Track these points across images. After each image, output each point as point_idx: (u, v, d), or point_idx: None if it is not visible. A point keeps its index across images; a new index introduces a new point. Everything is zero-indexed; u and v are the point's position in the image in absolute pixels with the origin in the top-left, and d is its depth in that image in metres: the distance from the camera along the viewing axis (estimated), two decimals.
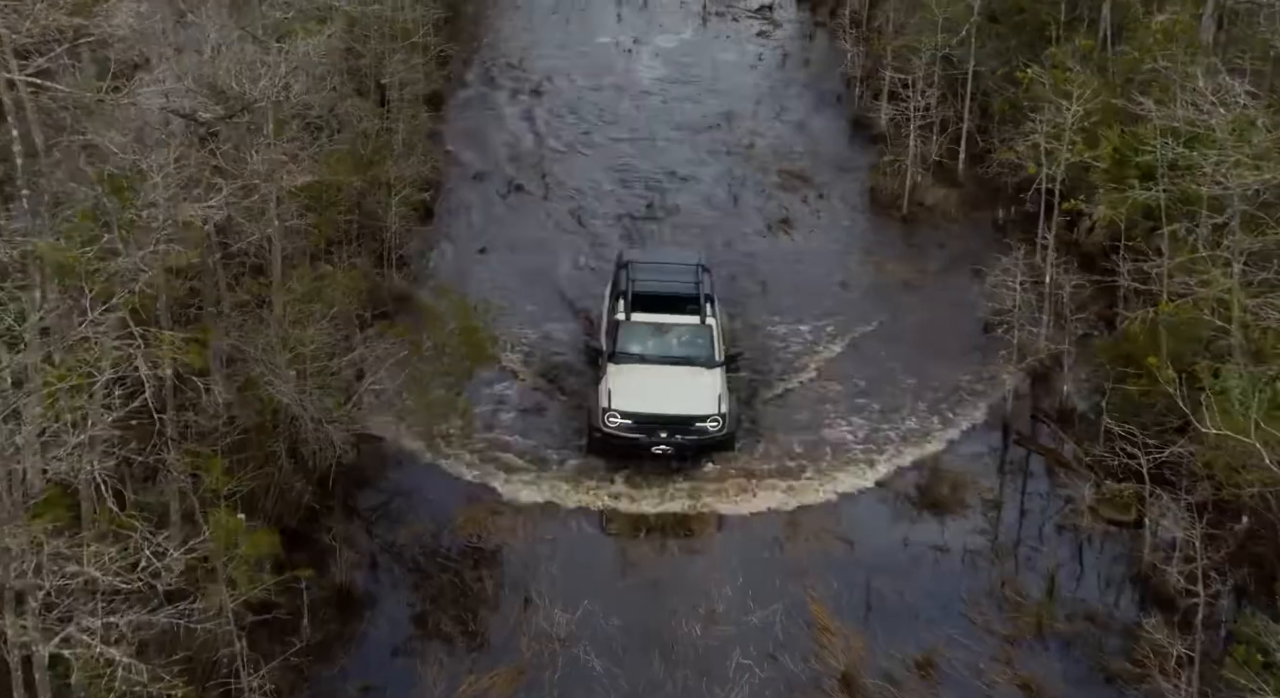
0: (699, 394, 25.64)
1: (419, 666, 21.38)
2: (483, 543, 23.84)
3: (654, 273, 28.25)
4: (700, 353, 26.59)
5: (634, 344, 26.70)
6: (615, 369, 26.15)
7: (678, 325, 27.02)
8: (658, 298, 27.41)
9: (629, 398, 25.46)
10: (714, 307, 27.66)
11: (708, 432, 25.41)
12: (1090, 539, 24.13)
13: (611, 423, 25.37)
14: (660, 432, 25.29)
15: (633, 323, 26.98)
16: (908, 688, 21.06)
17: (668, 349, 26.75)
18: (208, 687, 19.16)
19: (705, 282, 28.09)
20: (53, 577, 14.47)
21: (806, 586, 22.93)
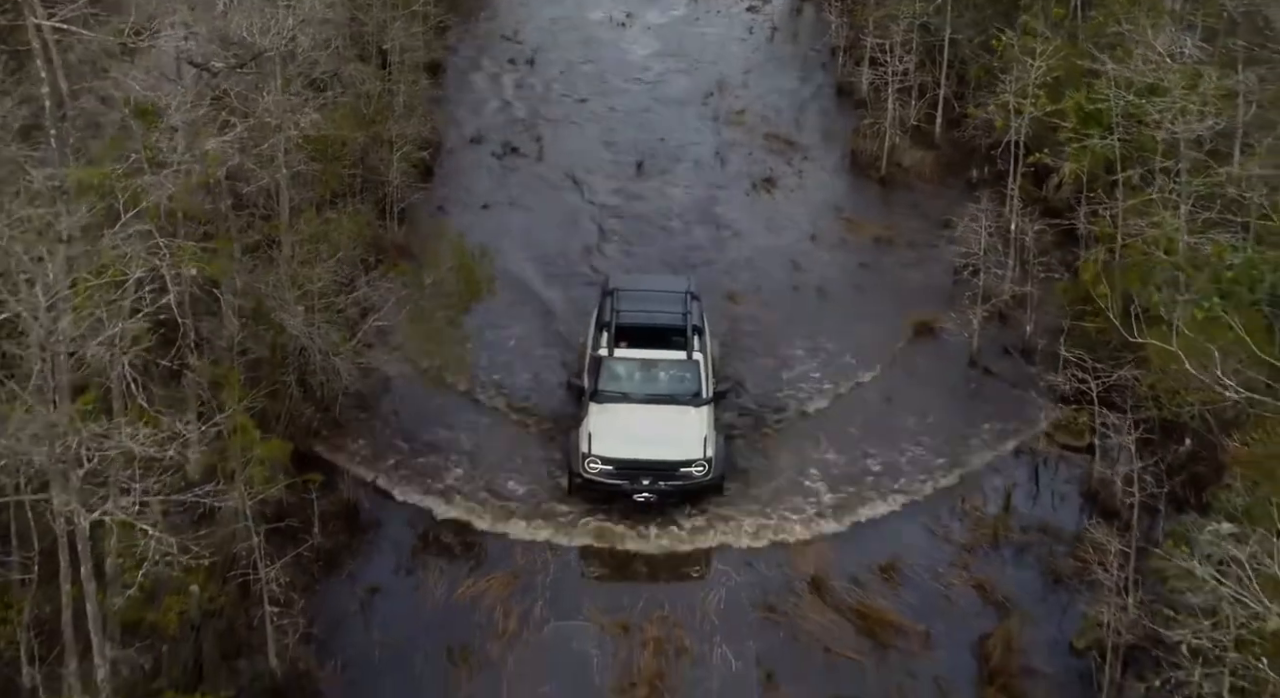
0: (684, 437, 24.62)
1: (421, 571, 23.39)
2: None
3: (639, 302, 27.27)
4: (686, 390, 25.57)
5: (616, 381, 25.66)
6: (597, 409, 25.16)
7: (663, 361, 26.07)
8: (642, 330, 26.48)
9: (610, 442, 24.44)
10: (702, 338, 26.71)
11: (693, 477, 24.40)
12: (1046, 462, 26.10)
13: (591, 469, 24.38)
14: (643, 478, 24.28)
15: (615, 358, 25.97)
16: (871, 589, 23.00)
17: (652, 386, 25.71)
18: (228, 578, 21.13)
19: (694, 311, 27.20)
20: (92, 451, 16.38)
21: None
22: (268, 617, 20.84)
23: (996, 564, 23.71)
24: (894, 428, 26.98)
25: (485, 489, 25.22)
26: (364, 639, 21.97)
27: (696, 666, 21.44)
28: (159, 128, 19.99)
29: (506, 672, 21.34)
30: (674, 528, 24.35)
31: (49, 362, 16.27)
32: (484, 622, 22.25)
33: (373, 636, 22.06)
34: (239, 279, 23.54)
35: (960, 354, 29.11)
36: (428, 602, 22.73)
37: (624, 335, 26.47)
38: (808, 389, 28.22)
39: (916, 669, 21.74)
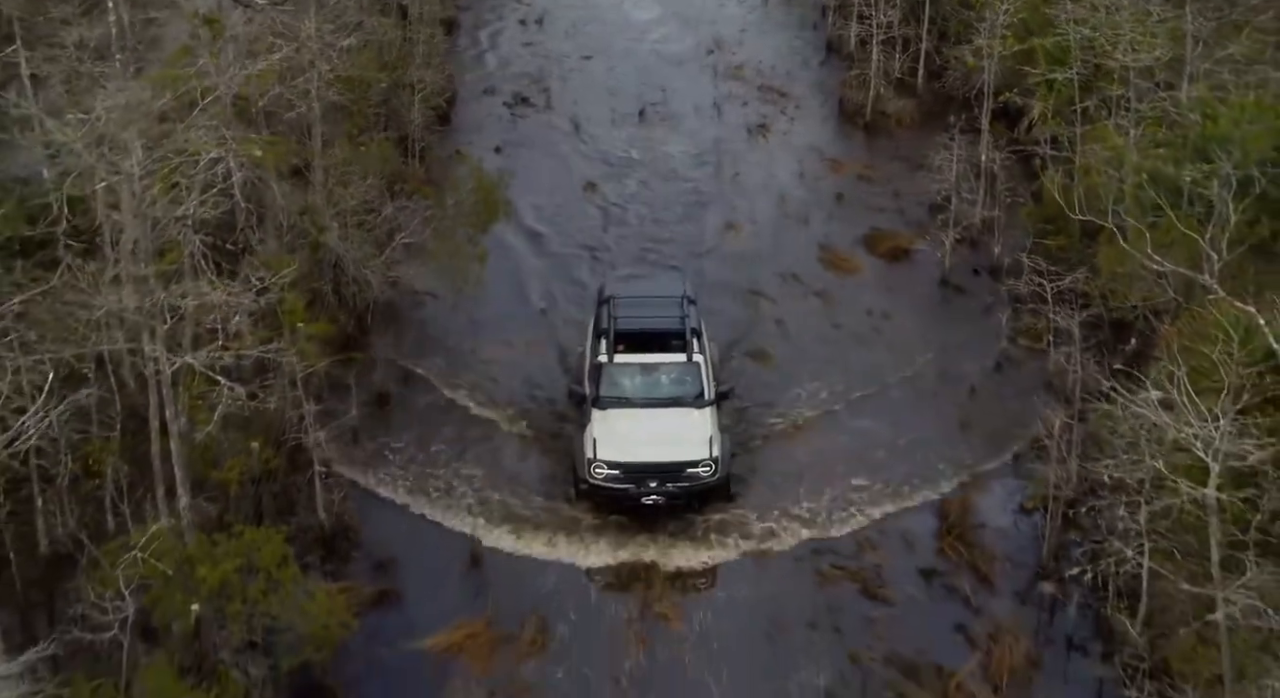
0: (689, 438, 25.02)
1: (441, 429, 26.96)
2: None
3: (636, 308, 27.58)
4: (689, 392, 25.99)
5: (618, 387, 26.06)
6: (599, 416, 25.50)
7: (664, 364, 26.51)
8: (641, 335, 26.84)
9: (615, 447, 24.81)
10: (701, 340, 27.13)
11: (700, 478, 24.76)
12: (1008, 358, 29.31)
13: (598, 474, 24.76)
14: (650, 481, 24.67)
15: (616, 364, 26.33)
16: None
17: (654, 390, 26.21)
18: (281, 442, 24.44)
19: (691, 314, 27.61)
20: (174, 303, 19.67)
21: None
22: (316, 476, 24.12)
23: (963, 448, 26.89)
24: (872, 331, 30.25)
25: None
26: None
27: None
28: (222, 37, 23.25)
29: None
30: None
31: (139, 226, 19.52)
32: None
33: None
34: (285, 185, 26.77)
35: (933, 274, 32.31)
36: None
37: (623, 341, 26.67)
38: (791, 304, 31.41)
39: (886, 527, 24.96)
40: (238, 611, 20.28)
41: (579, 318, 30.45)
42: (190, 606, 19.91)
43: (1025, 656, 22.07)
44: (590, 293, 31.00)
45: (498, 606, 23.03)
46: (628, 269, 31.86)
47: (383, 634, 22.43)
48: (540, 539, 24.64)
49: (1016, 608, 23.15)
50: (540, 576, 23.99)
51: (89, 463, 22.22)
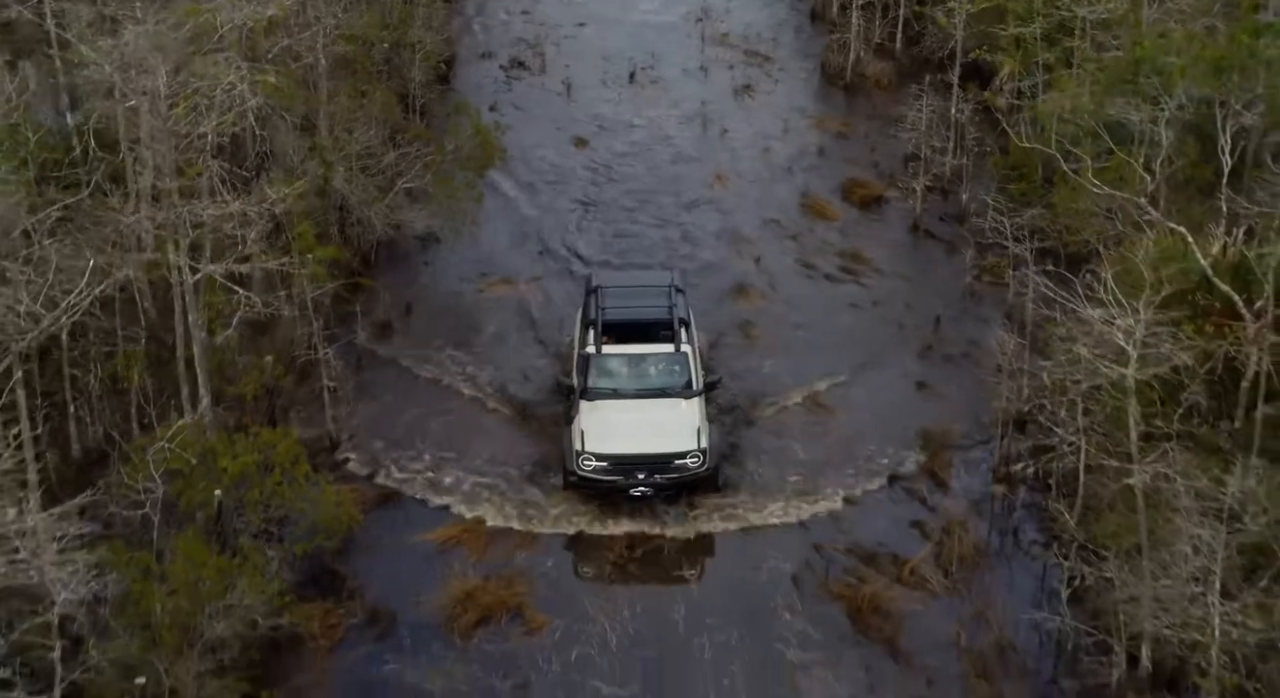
0: (678, 429, 25.20)
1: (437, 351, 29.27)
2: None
3: (624, 299, 27.81)
4: (677, 382, 26.15)
5: (606, 378, 26.20)
6: (588, 407, 25.66)
7: (651, 355, 26.66)
8: (629, 325, 26.97)
9: (603, 439, 24.97)
10: (689, 331, 27.28)
11: (689, 469, 24.97)
12: (972, 294, 31.48)
13: (586, 466, 24.90)
14: (638, 473, 24.88)
15: (603, 355, 26.45)
16: None
17: (642, 381, 26.32)
18: (294, 356, 26.64)
19: (679, 304, 27.73)
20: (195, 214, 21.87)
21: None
22: (325, 389, 26.31)
23: (929, 369, 29.09)
24: (843, 270, 32.46)
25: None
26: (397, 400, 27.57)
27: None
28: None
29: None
30: None
31: (164, 142, 21.72)
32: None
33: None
34: (293, 131, 28.93)
35: (904, 220, 34.51)
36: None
37: (610, 332, 26.89)
38: (771, 246, 33.61)
39: (855, 442, 27.16)
40: (255, 499, 22.47)
41: (572, 263, 32.66)
42: (213, 492, 22.10)
43: (974, 545, 24.23)
44: (581, 241, 33.27)
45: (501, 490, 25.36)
46: (617, 265, 32.77)
47: (387, 529, 24.59)
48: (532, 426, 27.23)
49: (969, 506, 25.33)
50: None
51: (118, 372, 24.39)
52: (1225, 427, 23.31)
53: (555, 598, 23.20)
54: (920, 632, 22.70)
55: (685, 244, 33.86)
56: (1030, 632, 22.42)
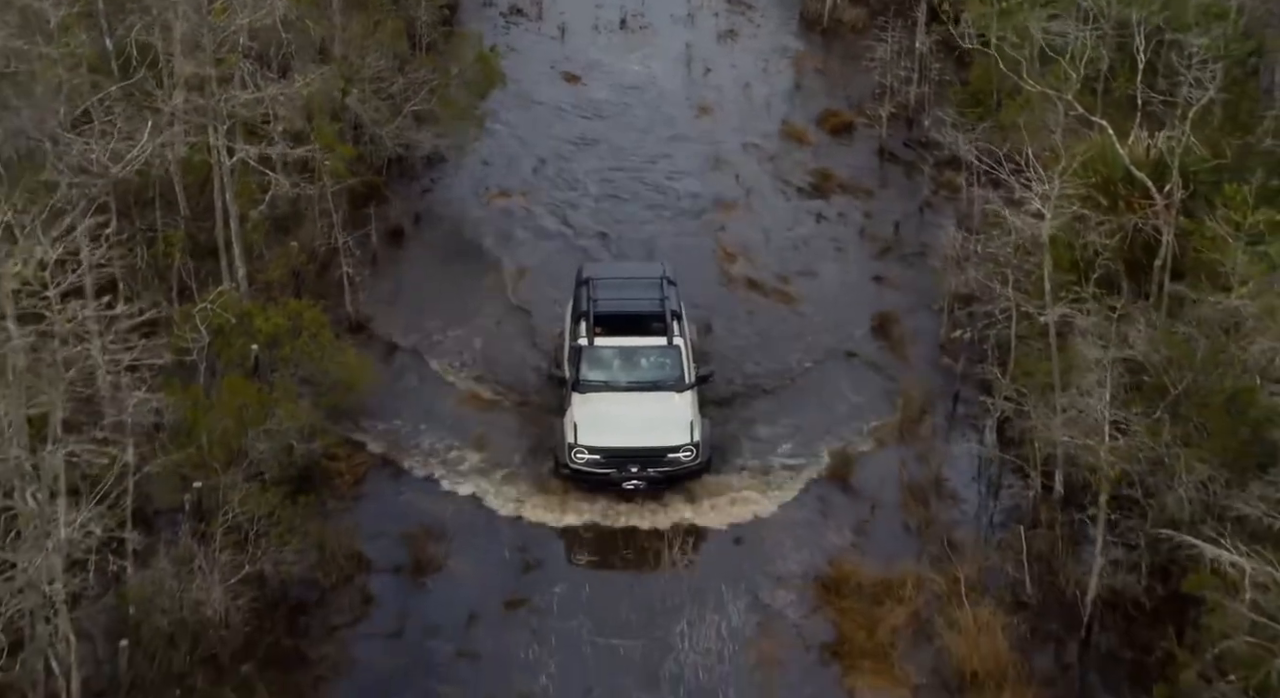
0: (670, 423, 25.45)
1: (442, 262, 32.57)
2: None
3: (616, 290, 27.88)
4: (669, 376, 26.31)
5: (598, 371, 26.35)
6: (580, 399, 25.88)
7: (644, 348, 26.79)
8: (621, 318, 27.07)
9: (596, 432, 25.16)
10: (681, 323, 27.38)
11: (681, 462, 25.21)
12: (929, 205, 35.00)
13: (579, 459, 25.12)
14: (631, 466, 25.12)
15: (596, 348, 26.61)
16: (794, 283, 31.95)
17: (635, 373, 26.48)
18: (316, 248, 30.11)
19: (671, 296, 27.87)
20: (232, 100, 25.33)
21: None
22: (345, 277, 29.78)
23: (887, 266, 32.62)
24: (814, 187, 36.00)
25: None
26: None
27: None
28: None
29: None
30: None
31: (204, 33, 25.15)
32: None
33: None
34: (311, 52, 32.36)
35: (871, 144, 38.04)
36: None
37: (603, 324, 26.95)
38: (750, 166, 37.10)
39: (818, 323, 30.66)
40: (287, 355, 25.91)
41: (564, 185, 36.09)
42: (250, 346, 25.57)
43: (922, 407, 27.72)
44: (573, 163, 36.72)
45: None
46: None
47: (400, 386, 28.09)
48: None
49: (921, 376, 28.82)
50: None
51: (164, 250, 27.82)
52: (1141, 305, 26.79)
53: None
54: (869, 473, 26.27)
55: (669, 165, 37.29)
56: (962, 466, 26.00)
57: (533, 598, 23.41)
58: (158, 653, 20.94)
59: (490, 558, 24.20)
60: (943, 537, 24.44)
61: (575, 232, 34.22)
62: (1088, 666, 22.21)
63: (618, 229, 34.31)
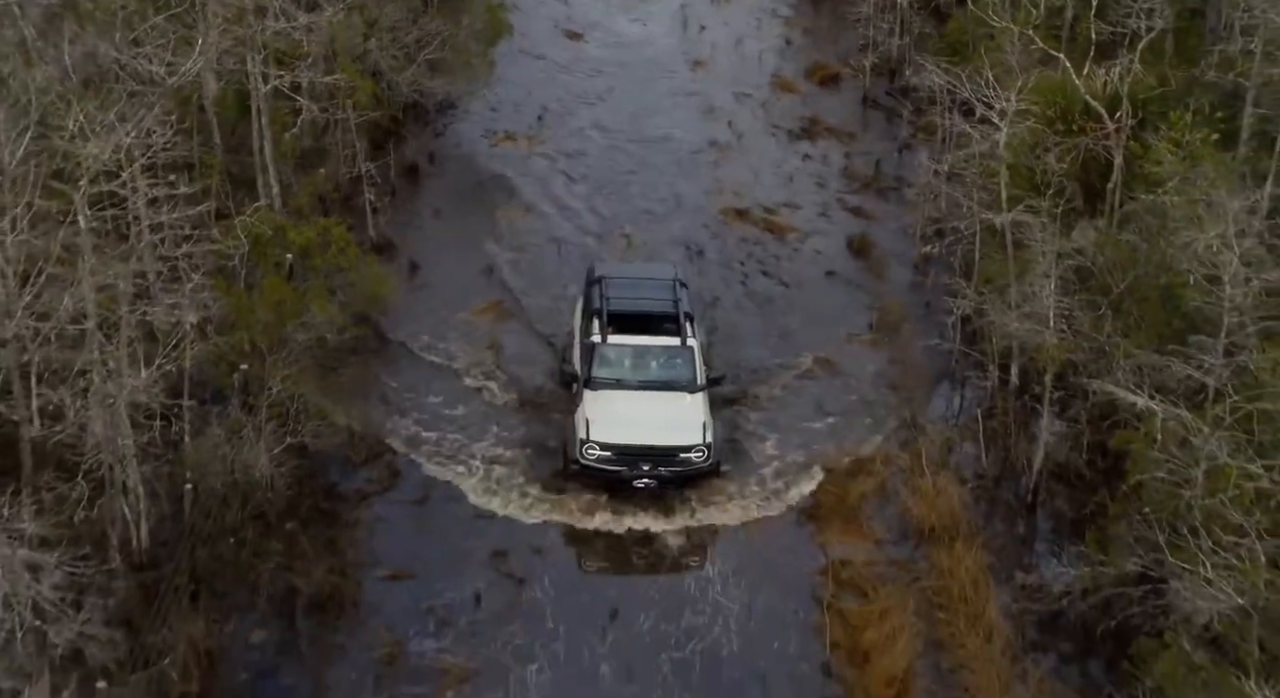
0: (683, 423, 25.82)
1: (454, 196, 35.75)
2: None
3: (629, 290, 28.26)
4: (682, 376, 26.66)
5: (611, 368, 26.69)
6: (592, 396, 26.17)
7: (657, 347, 27.16)
8: (634, 317, 27.48)
9: (608, 428, 25.42)
10: (693, 325, 27.75)
11: (693, 463, 25.56)
12: (908, 146, 38.24)
13: (590, 455, 25.38)
14: (642, 464, 25.41)
15: (609, 345, 26.96)
16: (779, 213, 35.20)
17: (647, 373, 26.82)
18: (339, 180, 33.31)
19: (684, 298, 28.36)
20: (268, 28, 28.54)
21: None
22: (368, 203, 32.97)
23: (867, 199, 35.87)
24: (801, 130, 39.24)
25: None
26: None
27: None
28: None
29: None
30: None
31: None
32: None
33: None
34: None
35: (856, 94, 41.29)
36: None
37: (615, 322, 27.45)
38: (742, 112, 40.32)
39: (802, 246, 33.90)
40: (317, 264, 29.06)
41: (566, 131, 39.28)
42: (285, 256, 28.74)
43: (898, 315, 30.97)
44: (574, 109, 39.91)
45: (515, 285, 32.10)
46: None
47: (420, 305, 31.26)
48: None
49: (894, 290, 32.09)
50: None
51: (202, 173, 30.95)
52: (1092, 218, 29.98)
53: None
54: (854, 368, 29.53)
55: (665, 113, 40.50)
56: (930, 363, 29.31)
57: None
58: (213, 509, 24.12)
59: (502, 440, 27.36)
60: (910, 422, 27.62)
61: (576, 171, 37.41)
62: (1032, 522, 25.48)
63: (616, 169, 37.56)
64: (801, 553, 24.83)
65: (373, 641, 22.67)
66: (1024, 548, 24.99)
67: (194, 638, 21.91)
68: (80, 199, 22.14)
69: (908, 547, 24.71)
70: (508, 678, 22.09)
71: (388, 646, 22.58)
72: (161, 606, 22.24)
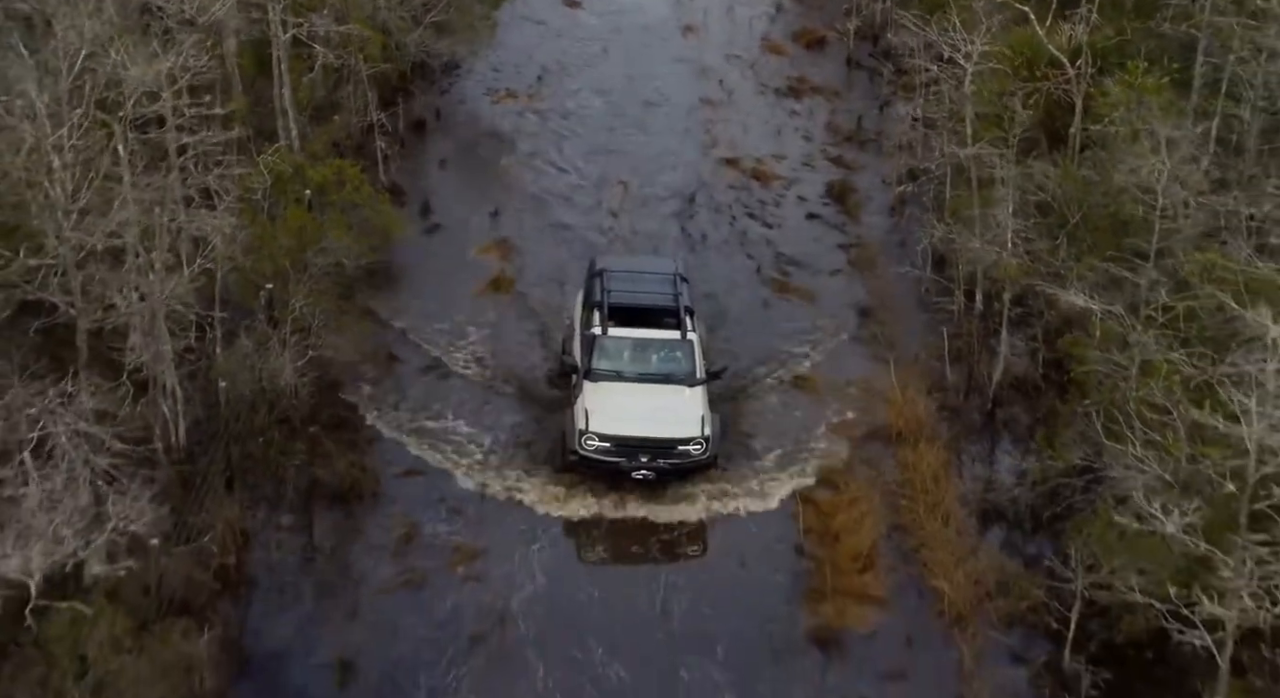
0: (682, 415, 26.28)
1: (459, 148, 38.48)
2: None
3: (629, 283, 28.77)
4: (681, 370, 27.16)
5: (611, 360, 27.17)
6: (591, 388, 26.64)
7: (657, 340, 27.65)
8: (635, 310, 27.98)
9: (607, 420, 25.90)
10: (693, 319, 28.26)
11: (691, 455, 26.06)
12: (888, 104, 40.98)
13: (589, 446, 25.84)
14: (641, 456, 25.86)
15: (609, 337, 27.44)
16: (766, 164, 37.95)
17: (647, 366, 27.27)
18: (351, 130, 36.04)
19: (684, 292, 28.91)
20: None
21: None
22: (379, 149, 35.72)
23: (848, 151, 38.64)
24: (789, 89, 42.02)
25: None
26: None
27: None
28: None
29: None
30: None
31: None
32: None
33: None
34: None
35: (841, 56, 44.05)
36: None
37: (616, 315, 27.95)
38: (732, 72, 43.09)
39: (786, 192, 36.66)
40: (334, 200, 31.75)
41: (564, 90, 42.00)
42: (304, 191, 31.45)
43: (874, 251, 33.74)
44: (570, 71, 42.66)
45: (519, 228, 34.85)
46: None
47: (429, 250, 33.98)
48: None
49: (871, 229, 34.87)
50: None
51: (225, 122, 33.66)
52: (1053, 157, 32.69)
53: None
54: (829, 299, 32.30)
55: (659, 73, 43.26)
56: (903, 291, 32.09)
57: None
58: (242, 412, 26.83)
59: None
60: (882, 341, 30.38)
61: (574, 127, 40.15)
62: (990, 427, 28.28)
63: (612, 124, 40.33)
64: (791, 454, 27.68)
65: (390, 524, 25.44)
66: (982, 448, 27.76)
67: (230, 520, 24.65)
68: (123, 122, 24.88)
69: (878, 448, 27.41)
70: (513, 555, 24.82)
71: (404, 528, 25.34)
72: (200, 492, 25.00)
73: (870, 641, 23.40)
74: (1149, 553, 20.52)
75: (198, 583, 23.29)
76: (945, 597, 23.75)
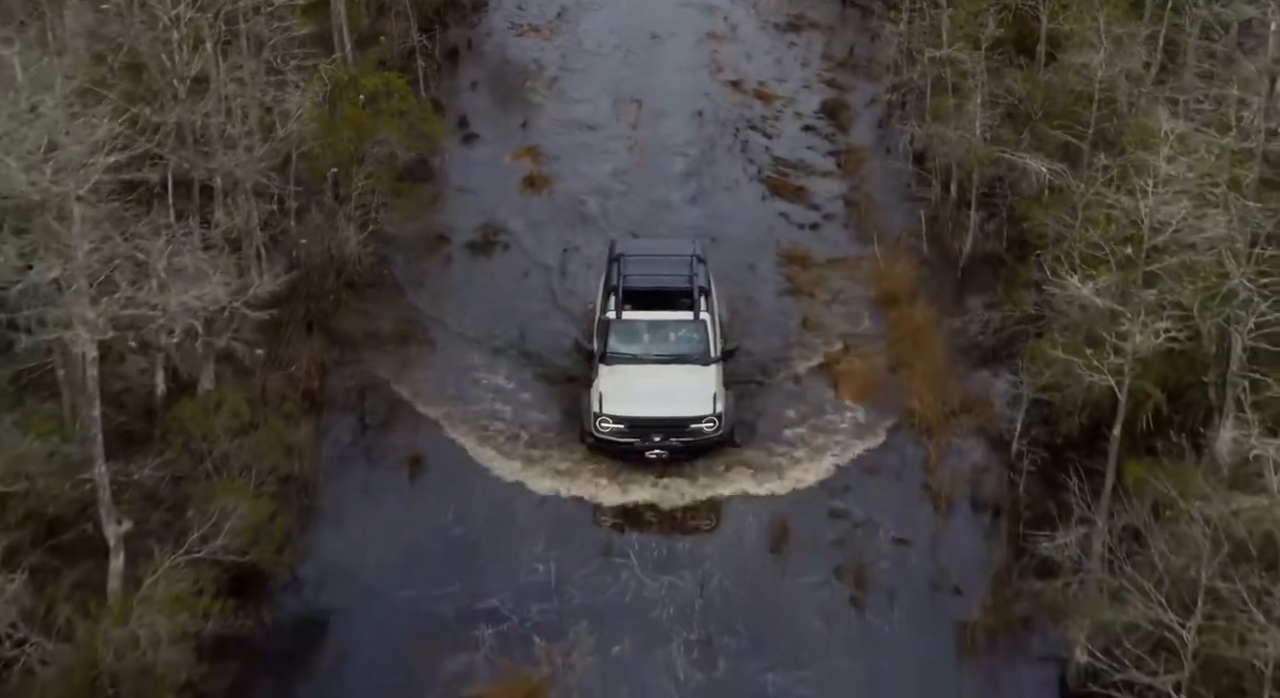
0: (694, 394, 27.23)
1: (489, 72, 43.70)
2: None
3: (646, 266, 29.82)
4: (695, 350, 28.16)
5: (625, 343, 28.25)
6: (606, 370, 27.79)
7: (671, 322, 28.72)
8: (650, 293, 29.09)
9: (621, 401, 27.02)
10: (709, 300, 29.28)
11: (704, 433, 27.03)
12: (879, 36, 46.03)
13: (604, 428, 26.98)
14: (655, 435, 26.99)
15: (624, 320, 28.63)
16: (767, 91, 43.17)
17: (661, 346, 28.34)
18: (396, 49, 41.17)
19: (700, 273, 29.84)
20: None
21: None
22: (420, 69, 40.84)
23: (842, 75, 43.82)
24: (789, 25, 47.20)
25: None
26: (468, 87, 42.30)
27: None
28: None
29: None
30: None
31: None
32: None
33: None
34: None
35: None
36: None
37: (631, 299, 29.15)
38: (738, 11, 48.26)
39: (782, 109, 41.81)
40: (384, 107, 36.73)
41: (581, 25, 47.03)
42: (359, 97, 36.55)
43: (862, 156, 38.94)
44: (591, 14, 47.81)
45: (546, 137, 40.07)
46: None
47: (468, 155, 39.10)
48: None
49: (861, 137, 40.09)
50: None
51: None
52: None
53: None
54: (819, 193, 37.48)
55: (669, 11, 48.34)
56: (888, 184, 37.27)
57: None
58: (314, 274, 31.99)
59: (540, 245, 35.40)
60: (870, 226, 35.58)
61: (591, 55, 45.25)
62: (961, 289, 33.53)
63: (626, 54, 45.38)
64: (789, 315, 32.92)
65: (439, 361, 30.73)
66: (956, 305, 32.99)
67: (312, 355, 29.96)
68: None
69: (874, 309, 32.74)
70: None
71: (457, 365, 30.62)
72: (287, 333, 30.17)
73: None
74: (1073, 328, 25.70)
75: (290, 399, 28.50)
76: (917, 413, 28.98)
